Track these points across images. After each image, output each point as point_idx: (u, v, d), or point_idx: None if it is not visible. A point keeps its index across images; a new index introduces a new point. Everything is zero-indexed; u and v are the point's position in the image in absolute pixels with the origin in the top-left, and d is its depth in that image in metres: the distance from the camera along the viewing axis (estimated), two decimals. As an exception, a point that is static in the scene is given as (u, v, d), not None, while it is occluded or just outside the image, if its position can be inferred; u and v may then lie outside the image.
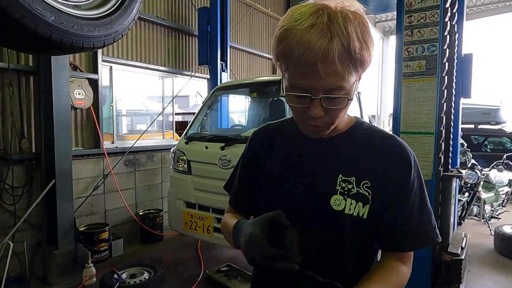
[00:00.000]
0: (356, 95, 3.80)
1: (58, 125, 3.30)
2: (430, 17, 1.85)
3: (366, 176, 0.80)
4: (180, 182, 3.38)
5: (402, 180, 0.79)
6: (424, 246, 0.81)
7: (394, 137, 0.85)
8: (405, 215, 0.79)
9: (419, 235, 0.80)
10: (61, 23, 1.58)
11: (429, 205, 0.83)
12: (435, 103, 1.86)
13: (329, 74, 0.68)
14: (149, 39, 4.68)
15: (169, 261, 3.76)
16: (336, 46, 0.65)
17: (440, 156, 1.93)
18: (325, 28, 0.66)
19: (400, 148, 0.82)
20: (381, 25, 10.51)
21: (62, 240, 3.33)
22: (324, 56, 0.65)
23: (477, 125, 7.18)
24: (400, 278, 0.79)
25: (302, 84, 0.71)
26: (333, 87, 0.70)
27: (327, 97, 0.71)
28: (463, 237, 2.23)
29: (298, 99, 0.74)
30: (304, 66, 0.68)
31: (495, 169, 5.01)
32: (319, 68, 0.66)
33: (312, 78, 0.69)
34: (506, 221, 4.88)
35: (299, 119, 0.79)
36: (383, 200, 0.79)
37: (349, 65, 0.68)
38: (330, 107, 0.72)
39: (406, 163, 0.80)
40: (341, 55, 0.66)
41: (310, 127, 0.78)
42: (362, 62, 0.70)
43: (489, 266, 3.73)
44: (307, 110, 0.73)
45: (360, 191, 0.79)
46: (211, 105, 3.90)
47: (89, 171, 3.95)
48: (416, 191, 0.80)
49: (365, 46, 0.69)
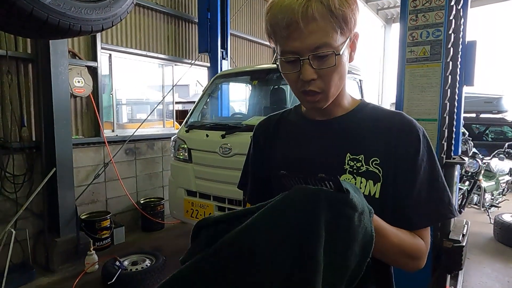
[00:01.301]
0: (358, 83, 3.77)
1: (58, 113, 3.28)
2: (435, 1, 1.81)
3: (375, 153, 0.78)
4: (181, 170, 3.38)
5: (411, 156, 0.77)
6: (436, 222, 0.81)
7: (402, 114, 0.84)
8: (414, 191, 0.77)
9: (430, 211, 0.78)
10: (58, 5, 1.54)
11: (441, 180, 0.79)
12: (439, 90, 1.84)
13: (312, 32, 0.69)
14: (148, 26, 4.61)
15: (170, 249, 3.79)
16: (314, 3, 0.68)
17: (443, 143, 1.92)
18: None
19: (409, 123, 0.80)
20: (383, 13, 10.38)
21: (64, 228, 3.35)
22: (304, 13, 0.68)
23: (479, 114, 7.14)
24: (417, 241, 0.76)
25: (289, 48, 0.72)
26: (319, 44, 0.70)
27: (315, 55, 0.71)
28: (464, 224, 2.24)
29: (289, 65, 0.75)
30: (287, 27, 0.70)
31: (496, 158, 5.01)
32: (301, 26, 0.68)
33: (297, 38, 0.70)
34: (506, 209, 4.90)
35: (295, 90, 0.79)
36: (394, 177, 0.77)
37: (331, 21, 0.69)
38: (321, 67, 0.72)
39: (415, 138, 0.78)
40: (320, 12, 0.68)
41: (307, 96, 0.77)
42: (344, 18, 0.70)
43: (488, 254, 3.76)
44: (300, 75, 0.74)
45: (370, 168, 0.78)
46: (211, 93, 3.87)
47: (89, 160, 3.95)
48: (426, 167, 0.78)
49: (346, 3, 0.70)
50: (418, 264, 0.77)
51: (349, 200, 0.57)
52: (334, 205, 0.57)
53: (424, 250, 0.77)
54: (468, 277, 3.23)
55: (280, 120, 0.96)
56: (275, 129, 0.95)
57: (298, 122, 0.91)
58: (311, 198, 0.56)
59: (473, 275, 3.30)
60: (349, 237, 0.58)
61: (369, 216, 0.63)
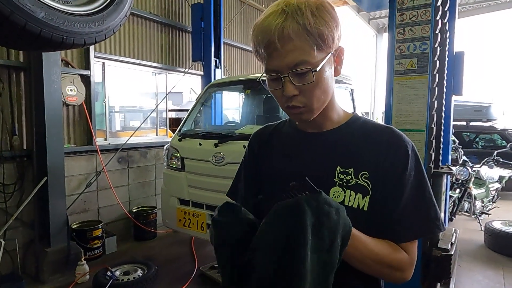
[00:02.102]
0: (349, 92, 3.82)
1: (50, 121, 3.27)
2: (421, 15, 1.87)
3: (364, 167, 0.80)
4: (174, 179, 3.37)
5: (399, 170, 0.79)
6: (421, 236, 0.81)
7: (392, 128, 0.86)
8: (401, 205, 0.79)
9: (416, 226, 0.79)
10: (51, 19, 1.56)
11: (429, 195, 0.81)
12: (426, 101, 1.88)
13: (289, 51, 0.73)
14: (142, 35, 4.64)
15: (163, 258, 3.76)
16: (290, 23, 0.71)
17: (431, 153, 1.96)
18: (281, 11, 0.73)
19: (398, 138, 0.82)
20: (375, 22, 10.54)
21: (54, 238, 3.31)
22: (280, 33, 0.71)
23: (469, 122, 7.26)
24: (397, 253, 0.78)
25: (271, 66, 0.76)
26: (296, 62, 0.73)
27: (293, 72, 0.74)
28: (453, 233, 2.27)
29: (273, 82, 0.79)
30: (267, 47, 0.74)
31: (485, 166, 5.07)
32: (278, 46, 0.72)
33: (276, 57, 0.74)
34: (496, 216, 4.96)
35: (281, 105, 0.82)
36: (382, 191, 0.79)
37: (307, 40, 0.72)
38: (301, 84, 0.75)
39: (403, 153, 0.80)
40: (296, 31, 0.71)
41: (292, 110, 0.81)
42: (320, 36, 0.73)
43: (479, 261, 3.79)
44: (283, 91, 0.77)
45: (359, 182, 0.80)
46: (204, 102, 3.89)
47: (81, 168, 3.93)
48: (414, 181, 0.79)
49: (323, 21, 0.73)
50: (402, 275, 0.78)
51: (323, 197, 0.64)
52: (313, 205, 0.63)
53: (407, 262, 0.78)
54: (460, 284, 3.25)
55: (274, 131, 0.99)
56: (269, 139, 0.98)
57: (291, 134, 0.94)
58: (293, 207, 0.63)
59: (464, 282, 3.32)
60: (332, 232, 0.64)
61: (345, 212, 0.68)
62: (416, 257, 0.82)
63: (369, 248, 0.74)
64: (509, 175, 5.47)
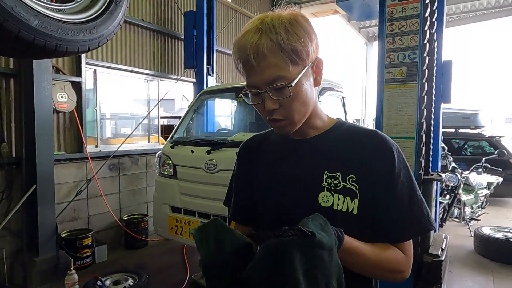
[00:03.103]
0: (341, 99, 3.87)
1: (40, 128, 3.23)
2: (410, 26, 1.91)
3: (351, 170, 0.81)
4: (166, 186, 3.35)
5: (387, 172, 0.81)
6: (417, 235, 0.84)
7: (376, 131, 0.88)
8: (394, 206, 0.80)
9: (411, 225, 0.81)
10: (44, 27, 1.55)
11: (419, 194, 0.83)
12: (415, 109, 1.92)
13: (264, 68, 0.75)
14: (134, 42, 4.64)
15: (154, 267, 3.71)
16: (264, 41, 0.74)
17: (420, 160, 1.99)
18: (256, 29, 0.76)
19: (383, 141, 0.84)
20: (365, 31, 10.71)
21: (43, 247, 3.25)
22: (255, 51, 0.74)
23: (458, 129, 7.38)
24: (395, 255, 0.79)
25: (250, 82, 0.79)
26: (273, 78, 0.76)
27: (271, 87, 0.76)
28: (443, 238, 2.30)
29: (254, 97, 0.81)
30: (244, 65, 0.78)
31: (474, 172, 5.16)
32: (254, 64, 0.75)
33: (253, 74, 0.77)
34: (485, 222, 5.04)
35: (264, 118, 0.84)
36: (372, 194, 0.81)
37: (281, 55, 0.74)
38: (280, 98, 0.77)
39: (389, 155, 0.82)
40: (270, 48, 0.74)
41: (274, 124, 0.83)
42: (294, 51, 0.75)
43: (469, 267, 3.83)
44: (263, 105, 0.79)
45: (347, 185, 0.81)
46: (197, 109, 3.89)
47: (71, 176, 3.88)
48: (404, 181, 0.82)
49: (296, 37, 0.75)
50: (400, 276, 0.81)
51: (316, 242, 0.62)
52: (304, 250, 0.62)
53: (405, 263, 0.81)
54: (450, 290, 3.29)
55: (263, 139, 1.01)
56: (258, 148, 0.99)
57: (279, 141, 0.96)
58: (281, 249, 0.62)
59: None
60: (326, 275, 0.63)
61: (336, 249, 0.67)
62: (413, 255, 0.83)
63: (367, 256, 0.75)
64: (497, 181, 5.57)
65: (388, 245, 0.81)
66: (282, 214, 0.83)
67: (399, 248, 0.81)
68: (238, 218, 1.03)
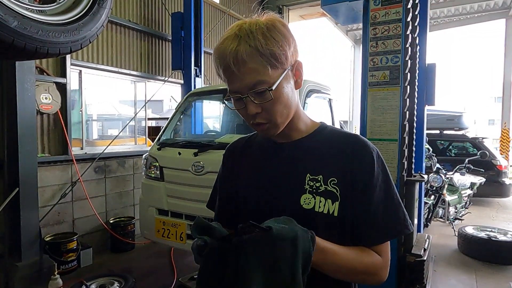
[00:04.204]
0: (328, 102, 3.90)
1: (23, 130, 3.16)
2: (393, 30, 1.95)
3: (332, 173, 0.83)
4: (152, 189, 3.33)
5: (366, 176, 0.83)
6: (392, 238, 0.84)
7: (357, 135, 0.90)
8: (371, 209, 0.82)
9: (387, 228, 0.83)
10: (24, 28, 1.53)
11: (396, 198, 0.85)
12: (398, 112, 1.96)
13: (245, 73, 0.76)
14: (120, 43, 4.59)
15: (141, 270, 3.67)
16: (243, 47, 0.75)
17: (403, 162, 2.03)
18: (234, 36, 0.77)
19: (363, 144, 0.86)
20: (353, 34, 10.83)
21: (26, 252, 3.18)
22: (234, 57, 0.75)
23: (442, 131, 7.53)
24: (371, 257, 0.81)
25: (231, 88, 0.80)
26: (254, 83, 0.77)
27: (253, 92, 0.78)
28: (426, 238, 2.34)
29: (237, 102, 0.82)
30: (224, 71, 0.79)
31: (458, 173, 5.27)
32: (234, 70, 0.76)
33: (234, 80, 0.78)
34: (469, 222, 5.14)
35: (248, 122, 0.85)
36: (351, 196, 0.82)
37: (261, 60, 0.76)
38: (262, 102, 0.79)
39: (369, 158, 0.84)
40: (249, 53, 0.75)
41: (257, 127, 0.84)
42: (273, 55, 0.76)
43: (453, 266, 3.91)
44: (246, 110, 0.80)
45: (328, 188, 0.82)
46: (184, 111, 3.87)
47: (56, 179, 3.81)
48: (382, 185, 0.84)
49: (273, 41, 0.76)
50: (377, 279, 0.82)
51: (274, 235, 0.64)
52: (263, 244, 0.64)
53: (381, 265, 0.82)
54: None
55: (247, 142, 1.02)
56: (242, 151, 1.00)
57: (263, 144, 0.97)
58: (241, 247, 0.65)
59: (440, 287, 3.42)
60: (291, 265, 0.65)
61: (308, 238, 0.68)
62: (390, 257, 0.85)
63: (340, 258, 0.76)
64: (479, 181, 5.70)
65: (365, 248, 0.82)
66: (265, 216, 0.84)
67: (375, 251, 0.82)
68: (223, 222, 1.03)
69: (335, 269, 0.77)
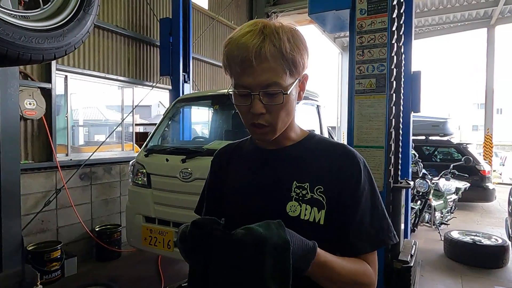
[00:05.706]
0: (316, 108, 3.93)
1: (5, 136, 3.08)
2: (378, 39, 1.99)
3: (319, 181, 0.83)
4: (139, 196, 3.28)
5: (353, 185, 0.83)
6: (376, 248, 0.84)
7: (344, 145, 0.91)
8: (357, 218, 0.82)
9: (371, 238, 0.82)
10: (6, 34, 1.49)
11: (381, 208, 0.86)
12: (384, 119, 1.99)
13: (264, 70, 0.76)
14: (108, 48, 4.55)
15: (127, 279, 3.60)
16: (267, 45, 0.75)
17: (390, 168, 2.05)
18: (259, 32, 0.76)
19: (350, 154, 0.87)
20: (340, 41, 10.98)
21: (7, 262, 3.08)
22: (257, 52, 0.74)
23: (428, 137, 7.66)
24: (365, 268, 0.81)
25: (242, 82, 0.78)
26: (269, 82, 0.77)
27: (265, 91, 0.77)
28: (412, 244, 2.37)
29: (242, 98, 0.81)
30: (242, 63, 0.76)
31: (443, 178, 5.36)
32: (254, 64, 0.75)
33: (250, 75, 0.77)
34: (454, 226, 5.23)
35: (246, 122, 0.84)
36: (337, 205, 0.82)
37: (282, 63, 0.77)
38: (270, 103, 0.78)
39: (356, 168, 0.85)
40: (272, 53, 0.75)
41: (256, 129, 0.83)
42: (294, 62, 0.78)
43: (440, 270, 3.96)
44: (250, 108, 0.79)
45: (314, 196, 0.82)
46: (172, 117, 3.85)
47: (39, 186, 3.72)
48: (368, 195, 0.84)
49: (296, 49, 0.78)
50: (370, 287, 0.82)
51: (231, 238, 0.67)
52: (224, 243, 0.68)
53: (373, 275, 0.82)
54: (422, 294, 3.38)
55: (236, 148, 1.02)
56: (230, 157, 1.00)
57: (251, 151, 0.97)
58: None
59: (426, 292, 3.46)
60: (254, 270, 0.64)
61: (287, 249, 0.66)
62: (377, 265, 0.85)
63: (339, 269, 0.76)
64: (464, 186, 5.81)
65: (356, 258, 0.82)
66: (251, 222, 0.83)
67: (364, 260, 0.83)
68: None
69: (333, 280, 0.76)
